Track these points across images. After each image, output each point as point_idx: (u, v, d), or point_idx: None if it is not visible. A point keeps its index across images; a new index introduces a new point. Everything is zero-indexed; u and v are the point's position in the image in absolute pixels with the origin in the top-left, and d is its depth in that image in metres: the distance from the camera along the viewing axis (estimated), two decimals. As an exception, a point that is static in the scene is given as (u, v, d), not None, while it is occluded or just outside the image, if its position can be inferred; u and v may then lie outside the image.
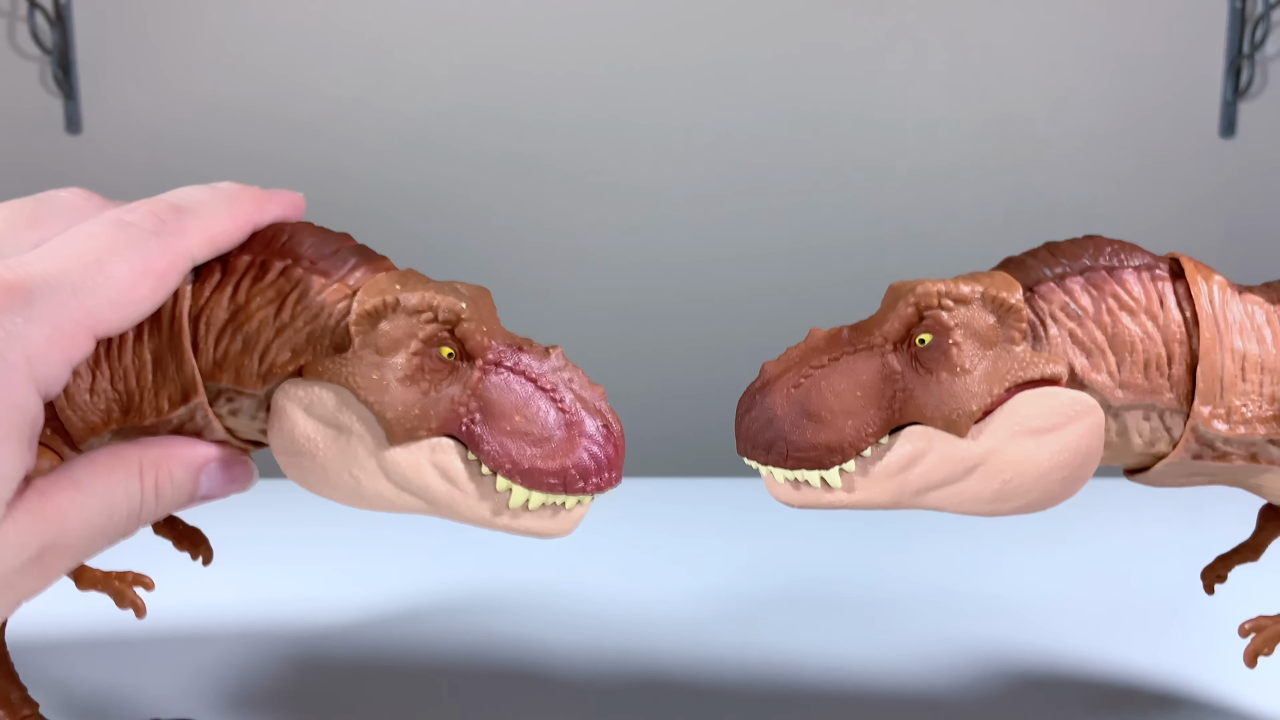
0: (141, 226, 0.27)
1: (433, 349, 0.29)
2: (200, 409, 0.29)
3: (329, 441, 0.29)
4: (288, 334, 0.29)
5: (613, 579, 0.50)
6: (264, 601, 0.47)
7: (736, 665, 0.42)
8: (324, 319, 0.29)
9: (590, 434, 0.29)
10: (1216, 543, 0.38)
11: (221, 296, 0.29)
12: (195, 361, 0.29)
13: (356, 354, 0.29)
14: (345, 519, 0.57)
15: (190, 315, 0.29)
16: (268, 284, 0.30)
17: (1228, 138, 1.04)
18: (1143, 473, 0.31)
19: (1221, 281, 0.30)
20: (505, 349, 0.29)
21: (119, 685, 0.40)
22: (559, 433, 0.29)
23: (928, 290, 0.29)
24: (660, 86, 1.02)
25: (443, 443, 0.29)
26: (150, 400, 0.29)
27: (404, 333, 0.29)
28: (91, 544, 0.27)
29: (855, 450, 0.29)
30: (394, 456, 0.29)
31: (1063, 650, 0.43)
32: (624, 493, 0.62)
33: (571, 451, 0.29)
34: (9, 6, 1.02)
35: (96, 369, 0.29)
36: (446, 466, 0.29)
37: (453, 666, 0.42)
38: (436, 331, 0.29)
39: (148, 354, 0.29)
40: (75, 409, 0.29)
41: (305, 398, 0.29)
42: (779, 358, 0.31)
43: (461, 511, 0.29)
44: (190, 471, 0.29)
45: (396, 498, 0.29)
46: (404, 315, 0.29)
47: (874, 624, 0.46)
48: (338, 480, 0.29)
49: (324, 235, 0.30)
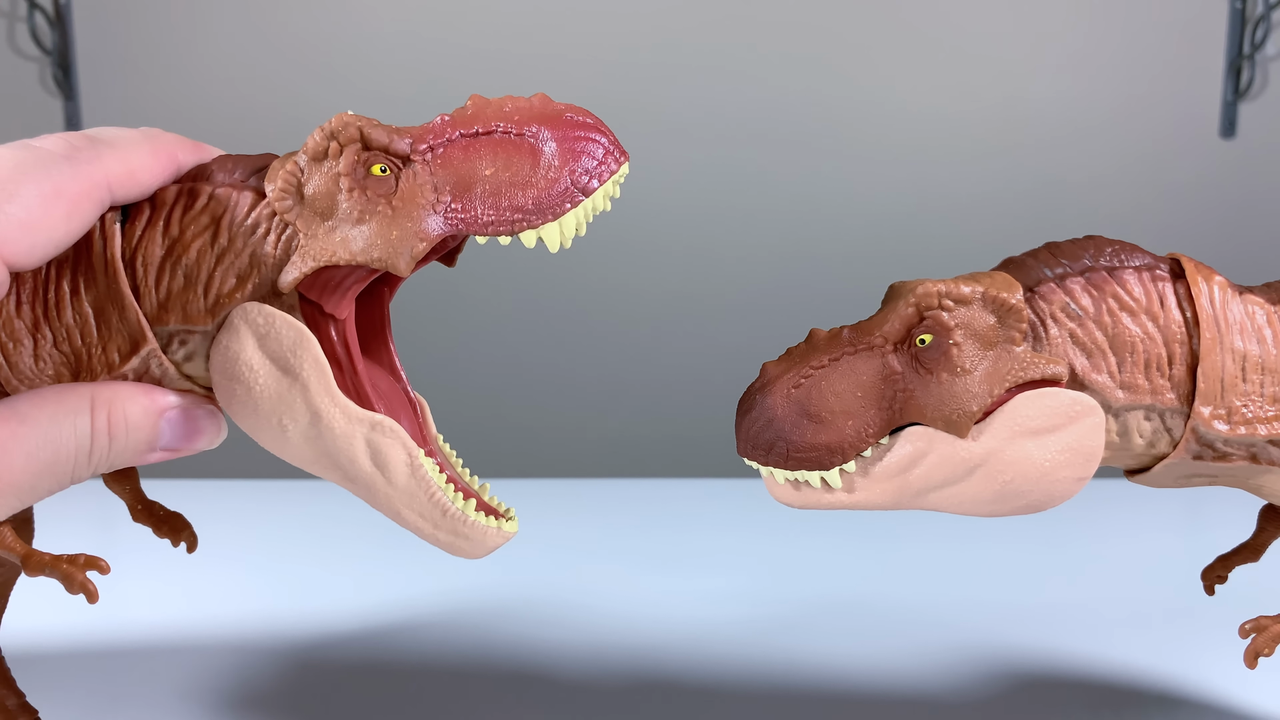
0: (51, 150, 0.26)
1: (364, 173, 0.27)
2: (153, 357, 0.28)
3: (271, 379, 0.27)
4: (229, 258, 0.28)
5: (612, 580, 0.50)
6: (263, 606, 0.47)
7: (736, 665, 0.42)
8: (264, 234, 0.28)
9: (564, 135, 0.27)
10: (1216, 543, 0.38)
11: (154, 233, 0.28)
12: (139, 306, 0.28)
13: (308, 235, 0.27)
14: (346, 522, 0.57)
15: (125, 258, 0.28)
16: (199, 210, 0.28)
17: (1228, 138, 1.04)
18: (1143, 473, 0.31)
19: (1222, 282, 0.30)
20: (426, 130, 0.27)
21: (119, 691, 0.40)
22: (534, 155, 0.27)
23: (928, 290, 0.29)
24: (659, 85, 1.02)
25: (387, 424, 0.28)
26: (99, 356, 0.28)
27: (327, 180, 0.27)
28: (37, 482, 0.26)
29: (855, 451, 0.29)
30: (331, 420, 0.27)
31: (1063, 650, 0.43)
32: (624, 493, 0.62)
33: (564, 160, 0.27)
34: (9, 7, 1.02)
35: (38, 333, 0.28)
36: (382, 451, 0.28)
37: (453, 669, 0.42)
38: (353, 155, 0.27)
39: (88, 308, 0.28)
40: (22, 378, 0.28)
41: (264, 325, 0.27)
42: (779, 358, 0.31)
43: (379, 499, 0.28)
44: (148, 415, 0.27)
45: (316, 461, 0.28)
46: (314, 166, 0.27)
47: (874, 624, 0.46)
48: (266, 422, 0.28)
49: (248, 159, 0.29)
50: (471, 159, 0.27)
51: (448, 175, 0.27)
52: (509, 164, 0.27)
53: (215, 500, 0.58)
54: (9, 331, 0.28)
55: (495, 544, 0.29)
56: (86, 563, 0.34)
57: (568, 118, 0.27)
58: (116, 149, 0.27)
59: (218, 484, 0.60)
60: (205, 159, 0.29)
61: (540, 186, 0.27)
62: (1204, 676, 0.41)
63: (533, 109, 0.28)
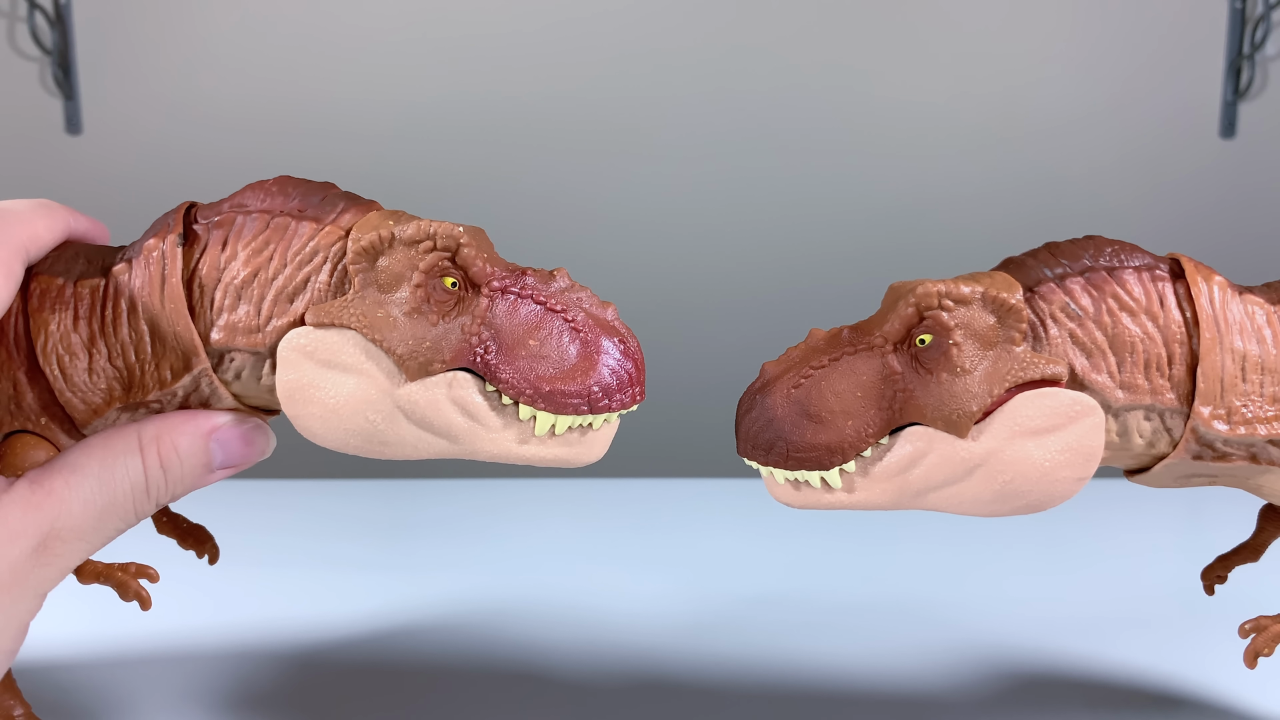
0: None
1: (436, 279, 0.28)
2: (204, 376, 0.29)
3: (339, 386, 0.28)
4: (284, 283, 0.28)
5: (612, 580, 0.50)
6: (264, 606, 0.47)
7: (736, 666, 0.42)
8: (320, 263, 0.28)
9: (608, 351, 0.28)
10: (1216, 543, 0.38)
11: (212, 256, 0.29)
12: (194, 326, 0.28)
13: (359, 294, 0.28)
14: (347, 523, 0.57)
15: (184, 279, 0.28)
16: (258, 236, 0.29)
17: (1228, 138, 1.04)
18: (1143, 473, 0.31)
19: (1222, 282, 0.30)
20: (509, 274, 0.29)
21: (122, 696, 0.40)
22: (576, 352, 0.28)
23: (928, 290, 0.29)
24: (659, 85, 1.02)
25: (459, 377, 0.28)
26: (152, 372, 0.28)
27: (404, 265, 0.28)
28: (99, 525, 0.27)
29: (855, 451, 0.29)
30: (411, 396, 0.28)
31: (1063, 650, 0.43)
32: (624, 493, 0.62)
33: (591, 370, 0.28)
34: (9, 7, 1.02)
35: (93, 347, 0.28)
36: (465, 401, 0.28)
37: (453, 669, 0.42)
38: (437, 260, 0.28)
39: (144, 325, 0.28)
40: (75, 391, 0.28)
41: (310, 345, 0.28)
42: (779, 358, 0.31)
43: (486, 446, 0.29)
44: (198, 440, 0.28)
45: (419, 440, 0.28)
46: (402, 248, 0.28)
47: (874, 624, 0.46)
48: (354, 426, 0.28)
49: (309, 184, 0.30)
50: (529, 326, 0.28)
51: (502, 325, 0.28)
52: (554, 347, 0.28)
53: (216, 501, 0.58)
54: (65, 345, 0.29)
55: (609, 436, 0.29)
56: (138, 571, 0.34)
57: (619, 341, 0.29)
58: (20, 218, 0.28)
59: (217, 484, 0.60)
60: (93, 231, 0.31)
61: (561, 381, 0.28)
62: (1204, 676, 0.41)
63: (600, 316, 0.29)
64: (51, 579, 0.26)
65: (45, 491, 0.26)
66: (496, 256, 0.29)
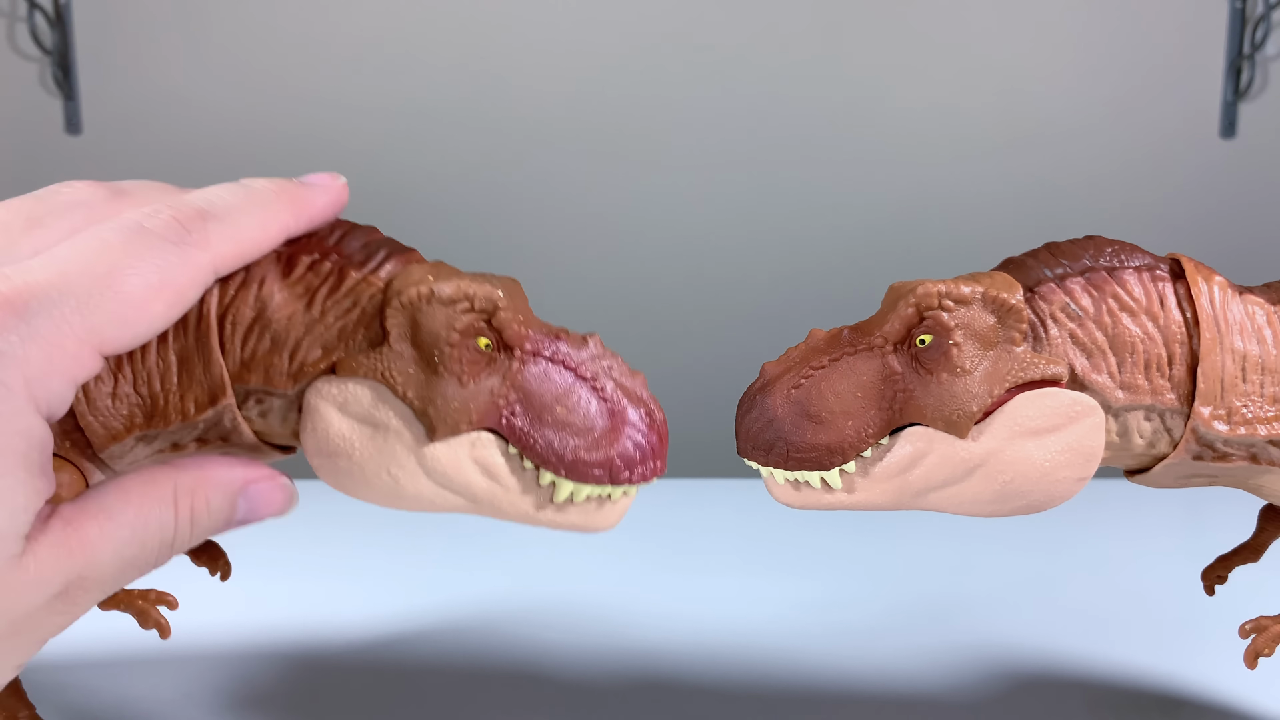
0: (162, 235, 0.25)
1: (470, 340, 0.28)
2: (228, 411, 0.28)
3: (365, 440, 0.28)
4: (318, 330, 0.28)
5: (612, 580, 0.50)
6: (267, 609, 0.47)
7: (736, 666, 0.42)
8: (356, 313, 0.28)
9: (633, 422, 0.28)
10: (1216, 543, 0.38)
11: (248, 294, 0.28)
12: (224, 362, 0.28)
13: (392, 349, 0.28)
14: (349, 525, 0.57)
15: (217, 314, 0.28)
16: (296, 279, 0.28)
17: (1228, 138, 1.04)
18: (1143, 473, 0.31)
19: (1222, 282, 0.30)
20: (543, 338, 0.29)
21: (124, 697, 0.40)
22: (602, 422, 0.28)
23: (928, 291, 0.29)
24: (659, 85, 1.02)
25: (483, 437, 0.28)
26: (176, 404, 0.28)
27: (440, 325, 0.28)
28: (121, 576, 0.25)
29: (855, 451, 0.29)
30: (434, 453, 0.28)
31: (1063, 650, 0.43)
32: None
33: (615, 441, 0.28)
34: (9, 7, 1.02)
35: (119, 372, 0.28)
36: (488, 462, 0.28)
37: (457, 670, 0.42)
38: (474, 322, 0.28)
39: (173, 356, 0.28)
40: (96, 414, 0.28)
41: (339, 395, 0.28)
42: (779, 358, 0.31)
43: (504, 508, 0.29)
44: (228, 496, 0.27)
45: (437, 496, 0.28)
46: (440, 306, 0.28)
47: (874, 624, 0.46)
48: (375, 480, 0.28)
49: (352, 228, 0.30)
50: (558, 393, 0.28)
51: (531, 390, 0.28)
52: (581, 416, 0.28)
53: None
54: None
55: (625, 508, 0.29)
56: (157, 599, 0.34)
57: (645, 414, 0.29)
58: (226, 225, 0.26)
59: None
60: (314, 219, 0.29)
61: (585, 451, 0.28)
62: (1204, 676, 0.41)
63: (628, 386, 0.29)
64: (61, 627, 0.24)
65: (80, 539, 0.24)
66: (531, 316, 0.29)
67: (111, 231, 0.24)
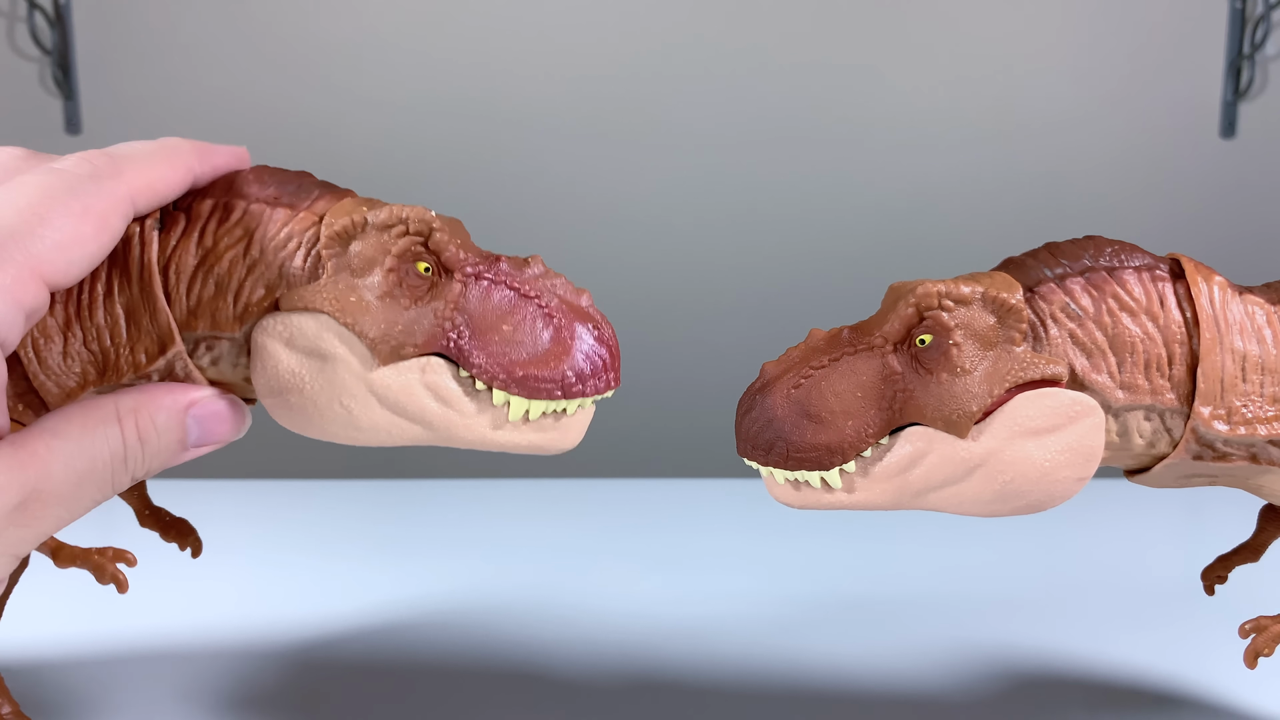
0: (74, 171, 0.27)
1: (408, 264, 0.28)
2: (179, 359, 0.29)
3: (315, 373, 0.28)
4: (259, 270, 0.29)
5: (612, 580, 0.50)
6: (263, 606, 0.47)
7: (737, 665, 0.42)
8: (294, 249, 0.29)
9: (582, 336, 0.29)
10: (1216, 543, 0.38)
11: (189, 242, 0.29)
12: (170, 310, 0.28)
13: (331, 278, 0.28)
14: (346, 522, 0.57)
15: (159, 265, 0.29)
16: (234, 223, 0.29)
17: (1228, 138, 1.04)
18: (1143, 473, 0.31)
19: (1222, 282, 0.30)
20: (483, 260, 0.29)
21: (116, 695, 0.40)
22: (549, 338, 0.28)
23: (928, 291, 0.29)
24: (659, 84, 1.02)
25: (433, 362, 0.28)
26: (126, 356, 0.29)
27: (376, 250, 0.28)
28: (78, 493, 0.26)
29: (855, 451, 0.29)
30: (384, 380, 0.28)
31: (1062, 650, 0.43)
32: (623, 494, 0.62)
33: (565, 355, 0.28)
34: (9, 7, 1.02)
35: (68, 331, 0.28)
36: (439, 386, 0.28)
37: (454, 669, 0.42)
38: (410, 245, 0.28)
39: (119, 309, 0.29)
40: (49, 374, 0.28)
41: (284, 331, 0.28)
42: (779, 358, 0.31)
43: (460, 433, 0.29)
44: (174, 415, 0.28)
45: (393, 426, 0.29)
46: (375, 232, 0.28)
47: (874, 624, 0.46)
48: (329, 413, 0.28)
49: (284, 173, 0.30)
50: (503, 312, 0.28)
51: (475, 310, 0.28)
52: (527, 333, 0.28)
53: (215, 500, 0.58)
54: (41, 328, 0.29)
55: (584, 422, 0.30)
56: (115, 555, 0.34)
57: (593, 327, 0.29)
58: (134, 163, 0.28)
59: (218, 484, 0.60)
60: (218, 167, 0.30)
61: (535, 365, 0.28)
62: (1204, 676, 0.41)
63: (574, 302, 0.29)
64: (28, 541, 0.26)
65: (28, 453, 0.25)
66: (471, 244, 0.29)
67: (30, 175, 0.26)
